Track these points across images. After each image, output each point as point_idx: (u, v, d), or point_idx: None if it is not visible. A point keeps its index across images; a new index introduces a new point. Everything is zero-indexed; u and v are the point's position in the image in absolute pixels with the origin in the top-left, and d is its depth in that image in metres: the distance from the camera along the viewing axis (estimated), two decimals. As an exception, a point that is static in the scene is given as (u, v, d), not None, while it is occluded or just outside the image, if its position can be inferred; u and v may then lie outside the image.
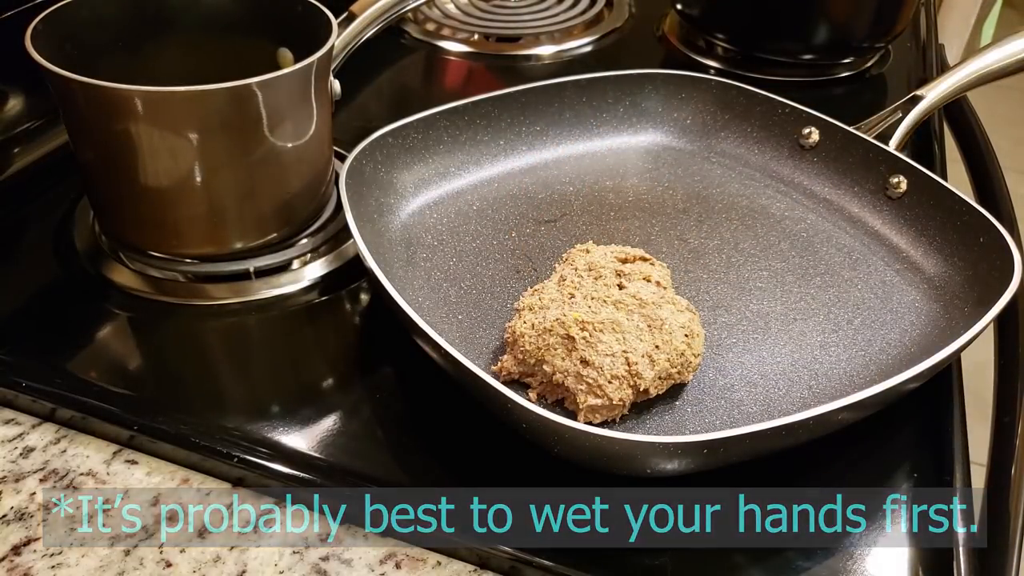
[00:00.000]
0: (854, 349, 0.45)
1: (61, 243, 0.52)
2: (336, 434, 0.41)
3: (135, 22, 0.52)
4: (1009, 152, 0.77)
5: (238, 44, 0.53)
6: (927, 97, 0.58)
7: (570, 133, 0.61)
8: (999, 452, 0.44)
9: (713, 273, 0.51)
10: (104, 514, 0.38)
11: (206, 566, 0.36)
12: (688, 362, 0.41)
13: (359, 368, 0.45)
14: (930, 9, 0.91)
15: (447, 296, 0.48)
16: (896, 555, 0.37)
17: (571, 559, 0.36)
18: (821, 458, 0.41)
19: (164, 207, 0.47)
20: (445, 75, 0.79)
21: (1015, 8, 2.60)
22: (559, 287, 0.44)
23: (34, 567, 0.36)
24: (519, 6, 0.88)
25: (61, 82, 0.42)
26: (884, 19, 0.73)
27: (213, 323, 0.48)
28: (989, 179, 0.65)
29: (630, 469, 0.37)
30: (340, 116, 0.58)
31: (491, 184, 0.57)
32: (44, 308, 0.48)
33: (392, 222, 0.52)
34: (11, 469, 0.40)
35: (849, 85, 0.76)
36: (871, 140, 0.56)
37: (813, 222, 0.55)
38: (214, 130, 0.44)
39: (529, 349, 0.41)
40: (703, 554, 0.37)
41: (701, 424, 0.41)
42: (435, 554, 0.38)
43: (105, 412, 0.41)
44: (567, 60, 0.79)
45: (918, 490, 0.40)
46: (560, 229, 0.54)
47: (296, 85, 0.46)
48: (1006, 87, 0.83)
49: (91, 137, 0.46)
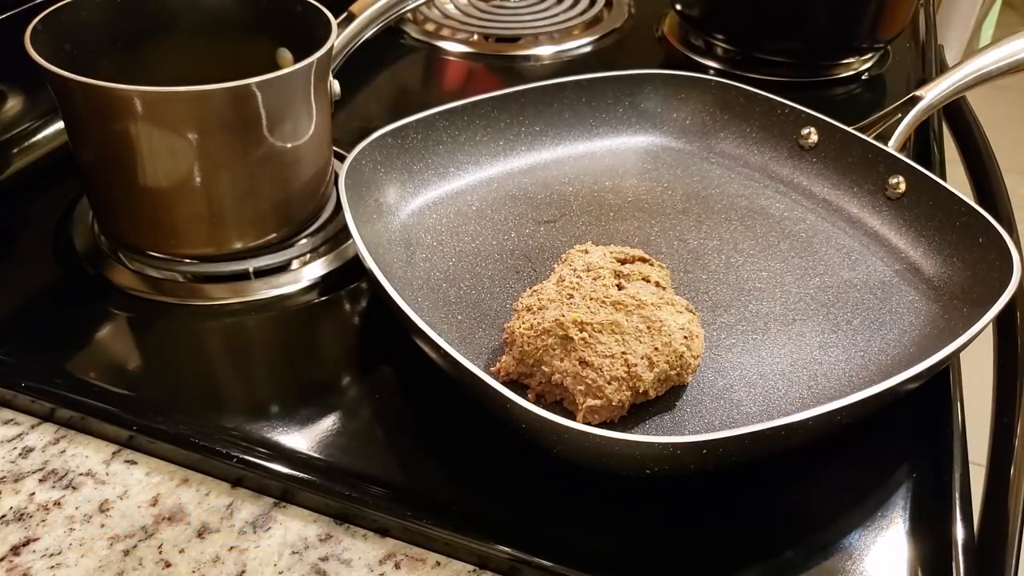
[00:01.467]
0: (853, 349, 0.46)
1: (61, 243, 0.52)
2: (336, 434, 0.41)
3: (135, 22, 0.52)
4: (1008, 152, 0.77)
5: (238, 44, 0.53)
6: (926, 97, 0.58)
7: (569, 133, 0.61)
8: (998, 452, 0.44)
9: (712, 273, 0.51)
10: (103, 514, 0.38)
11: (205, 566, 0.36)
12: (687, 364, 0.41)
13: (359, 368, 0.45)
14: (929, 9, 0.91)
15: (446, 296, 0.48)
16: (895, 555, 0.37)
17: (571, 559, 0.36)
18: (821, 458, 0.41)
19: (163, 207, 0.47)
20: (444, 75, 0.79)
21: (1014, 8, 2.60)
22: (558, 287, 0.44)
23: (33, 567, 0.36)
24: (519, 6, 0.88)
25: (61, 82, 0.43)
26: (883, 19, 0.73)
27: (212, 323, 0.48)
28: (988, 179, 0.65)
29: (630, 469, 0.37)
30: (340, 116, 0.58)
31: (490, 184, 0.57)
32: (44, 308, 0.48)
33: (391, 222, 0.52)
34: (10, 469, 0.40)
35: (848, 85, 0.76)
36: (870, 140, 0.56)
37: (812, 222, 0.55)
38: (214, 130, 0.44)
39: (528, 349, 0.41)
40: (702, 554, 0.37)
41: (700, 424, 0.41)
42: (435, 554, 0.38)
43: (104, 412, 0.41)
44: (566, 60, 0.79)
45: (917, 490, 0.40)
46: (559, 229, 0.54)
47: (296, 85, 0.46)
48: (1005, 87, 0.83)
49: (91, 137, 0.46)
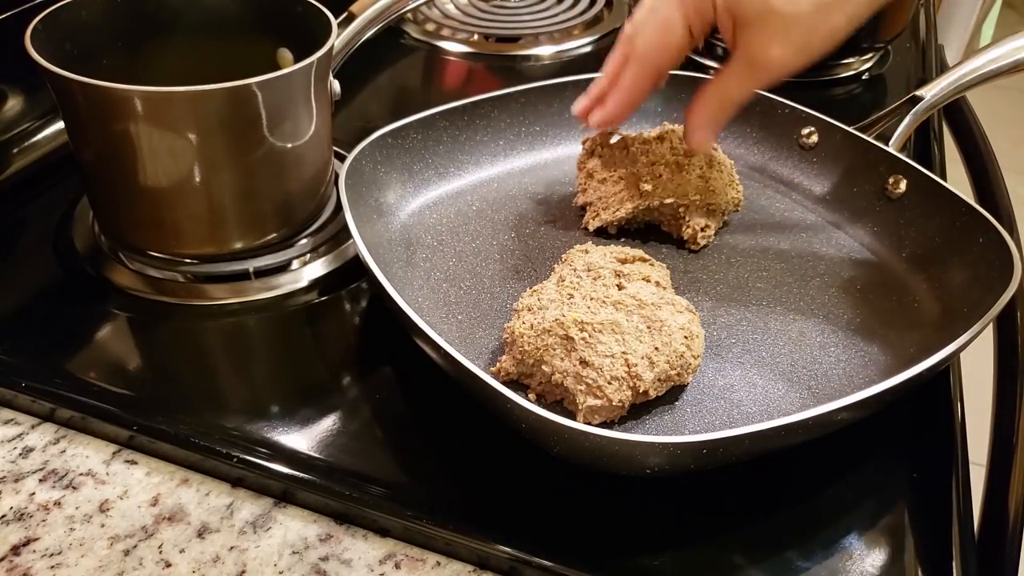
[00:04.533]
0: (853, 349, 0.46)
1: (61, 243, 0.52)
2: (336, 434, 0.41)
3: (135, 22, 0.52)
4: (1008, 153, 0.77)
5: (238, 44, 0.53)
6: (927, 97, 0.58)
7: (569, 133, 0.61)
8: (999, 452, 0.44)
9: (712, 273, 0.51)
10: (103, 514, 0.38)
11: (205, 566, 0.36)
12: (688, 364, 0.41)
13: (359, 368, 0.45)
14: (929, 9, 0.91)
15: (446, 296, 0.48)
16: (895, 555, 0.37)
17: (571, 559, 0.36)
18: (821, 458, 0.41)
19: (164, 207, 0.47)
20: (445, 75, 0.79)
21: (1015, 8, 2.60)
22: (558, 287, 0.44)
23: (33, 567, 0.36)
24: (519, 6, 0.88)
25: (61, 82, 0.43)
26: (884, 19, 0.73)
27: (212, 323, 0.48)
28: (988, 179, 0.65)
29: (630, 469, 0.37)
30: (340, 116, 0.58)
31: (491, 184, 0.57)
32: (44, 308, 0.48)
33: (392, 222, 0.52)
34: (10, 469, 0.40)
35: (849, 85, 0.76)
36: (871, 140, 0.56)
37: (812, 222, 0.55)
38: (214, 130, 0.44)
39: (528, 349, 0.41)
40: (702, 554, 0.37)
41: (700, 424, 0.41)
42: (435, 554, 0.38)
43: (104, 412, 0.41)
44: (567, 60, 0.79)
45: (917, 490, 0.40)
46: (559, 229, 0.54)
47: (296, 85, 0.46)
48: (1006, 87, 0.83)
49: (91, 137, 0.46)
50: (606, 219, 0.53)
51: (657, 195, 0.51)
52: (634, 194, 0.52)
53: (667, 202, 0.51)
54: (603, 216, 0.53)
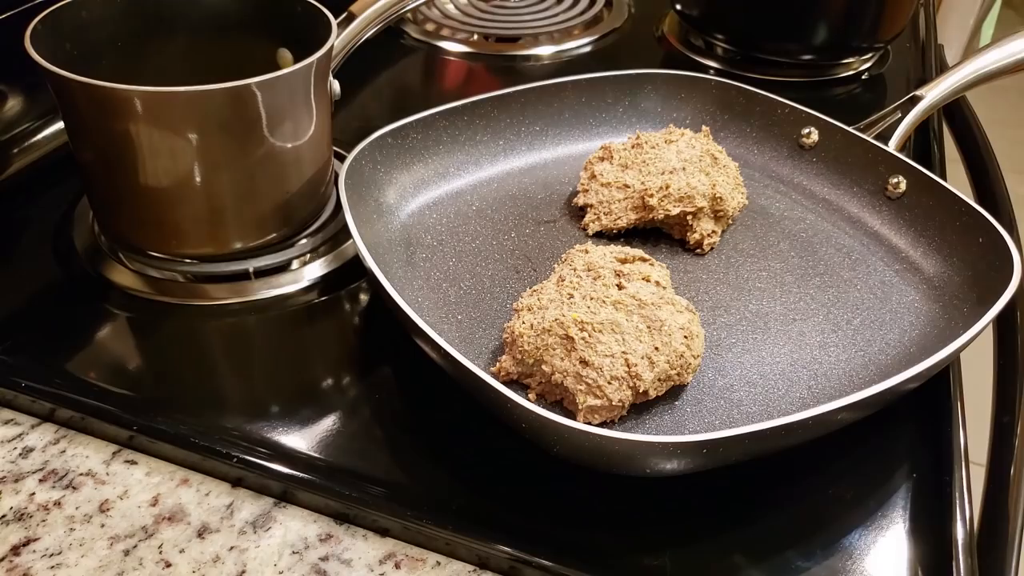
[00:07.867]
0: (853, 349, 0.46)
1: (61, 243, 0.52)
2: (336, 434, 0.41)
3: (135, 22, 0.52)
4: (1008, 153, 0.77)
5: (238, 44, 0.53)
6: (926, 97, 0.58)
7: (569, 133, 0.61)
8: (999, 452, 0.44)
9: (712, 273, 0.51)
10: (103, 514, 0.38)
11: (205, 566, 0.36)
12: (688, 364, 0.41)
13: (359, 368, 0.45)
14: (929, 9, 0.91)
15: (446, 296, 0.48)
16: (895, 555, 0.37)
17: (571, 559, 0.36)
18: (821, 458, 0.41)
19: (163, 207, 0.47)
20: (444, 75, 0.79)
21: (1014, 8, 2.60)
22: (558, 287, 0.44)
23: (33, 567, 0.36)
24: (518, 6, 0.88)
25: (61, 82, 0.42)
26: (883, 19, 0.73)
27: (212, 323, 0.48)
28: (988, 179, 0.65)
29: (630, 469, 0.37)
30: (340, 116, 0.58)
31: (490, 184, 0.57)
32: (44, 308, 0.48)
33: (391, 222, 0.52)
34: (10, 469, 0.40)
35: (848, 85, 0.76)
36: (871, 140, 0.56)
37: (812, 222, 0.55)
38: (214, 130, 0.44)
39: (528, 349, 0.41)
40: (703, 554, 0.37)
41: (700, 424, 0.41)
42: (435, 554, 0.38)
43: (104, 412, 0.41)
44: (566, 60, 0.79)
45: (917, 490, 0.40)
46: (559, 229, 0.54)
47: (296, 85, 0.46)
48: (1005, 87, 0.83)
49: (91, 137, 0.46)
50: (607, 225, 0.53)
51: (662, 208, 0.51)
52: (638, 206, 0.52)
53: (673, 213, 0.51)
54: (604, 221, 0.53)
